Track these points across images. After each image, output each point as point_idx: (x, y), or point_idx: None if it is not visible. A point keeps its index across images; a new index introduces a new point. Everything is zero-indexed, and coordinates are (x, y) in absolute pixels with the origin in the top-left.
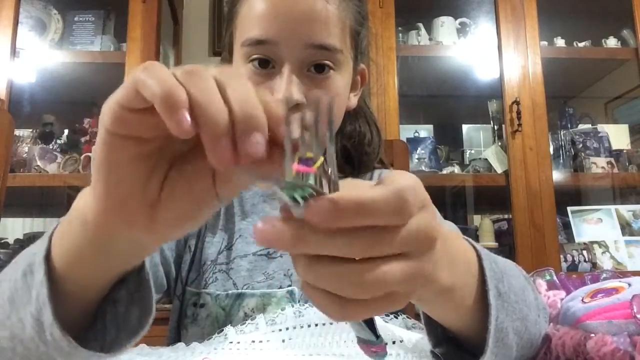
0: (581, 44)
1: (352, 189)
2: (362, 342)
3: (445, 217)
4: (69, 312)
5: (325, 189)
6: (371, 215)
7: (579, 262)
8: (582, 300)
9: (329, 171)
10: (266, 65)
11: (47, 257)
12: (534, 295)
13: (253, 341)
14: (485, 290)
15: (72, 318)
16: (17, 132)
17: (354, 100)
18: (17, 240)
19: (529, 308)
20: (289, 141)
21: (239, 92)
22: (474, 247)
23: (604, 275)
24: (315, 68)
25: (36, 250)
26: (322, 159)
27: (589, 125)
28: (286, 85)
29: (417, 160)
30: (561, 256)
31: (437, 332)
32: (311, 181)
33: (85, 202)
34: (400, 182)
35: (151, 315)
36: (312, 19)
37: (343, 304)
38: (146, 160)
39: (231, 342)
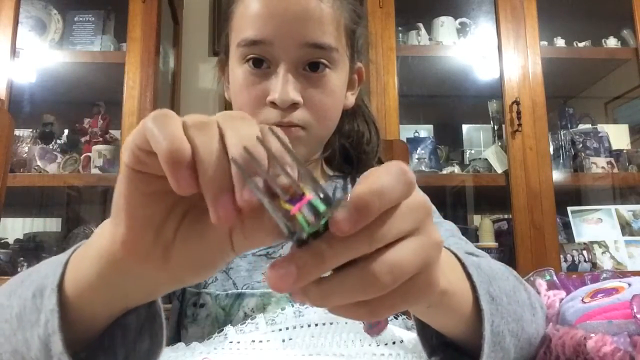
0: (581, 44)
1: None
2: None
3: (445, 217)
4: (75, 334)
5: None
6: (390, 197)
7: (579, 262)
8: (582, 300)
9: (318, 188)
10: (261, 65)
11: (60, 285)
12: (526, 294)
13: (253, 341)
14: (477, 297)
15: (77, 339)
16: (17, 132)
17: (351, 99)
18: (17, 240)
19: (522, 308)
20: (264, 197)
21: (237, 141)
22: (455, 255)
23: (604, 275)
24: (311, 67)
25: (50, 272)
26: (302, 186)
27: (589, 125)
28: (282, 85)
29: (417, 160)
30: (561, 256)
31: (432, 341)
32: (320, 207)
33: (103, 232)
34: (387, 165)
35: (162, 347)
36: (306, 18)
37: (371, 307)
38: (163, 199)
39: (231, 342)
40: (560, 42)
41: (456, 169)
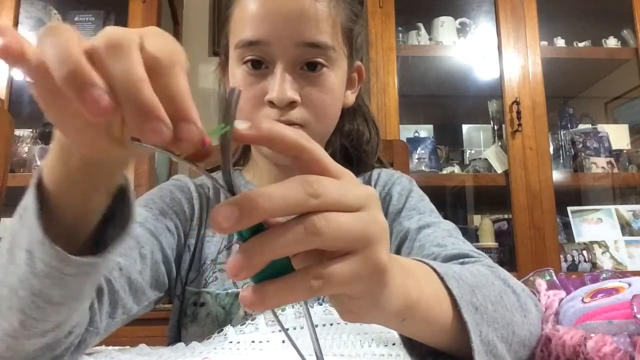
0: (581, 44)
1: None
2: None
3: (445, 217)
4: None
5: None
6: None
7: (579, 262)
8: (582, 300)
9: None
10: (259, 66)
11: (39, 185)
12: (515, 297)
13: (253, 341)
14: (459, 310)
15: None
16: (17, 132)
17: (351, 98)
18: None
19: (511, 312)
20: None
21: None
22: (433, 268)
23: (604, 275)
24: (308, 66)
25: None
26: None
27: (589, 125)
28: (279, 84)
29: (417, 160)
30: (561, 256)
31: (422, 350)
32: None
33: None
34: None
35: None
36: (301, 17)
37: (320, 276)
38: None
39: (231, 342)
40: (560, 42)
41: (456, 169)
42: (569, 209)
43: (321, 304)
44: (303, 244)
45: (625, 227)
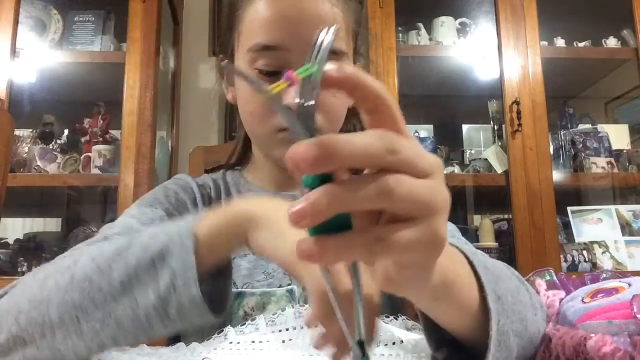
0: (581, 44)
1: None
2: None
3: None
4: None
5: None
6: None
7: (579, 262)
8: (582, 300)
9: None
10: (272, 72)
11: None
12: (528, 295)
13: (253, 341)
14: (484, 296)
15: None
16: (17, 132)
17: None
18: (17, 240)
19: (525, 308)
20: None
21: None
22: (462, 252)
23: (604, 275)
24: None
25: (165, 241)
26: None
27: (589, 125)
28: None
29: None
30: (561, 256)
31: (438, 336)
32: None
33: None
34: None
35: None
36: (320, 23)
37: (380, 240)
38: None
39: (231, 343)
40: (560, 42)
41: (456, 169)
42: (569, 208)
43: None
44: (372, 202)
45: (625, 227)
